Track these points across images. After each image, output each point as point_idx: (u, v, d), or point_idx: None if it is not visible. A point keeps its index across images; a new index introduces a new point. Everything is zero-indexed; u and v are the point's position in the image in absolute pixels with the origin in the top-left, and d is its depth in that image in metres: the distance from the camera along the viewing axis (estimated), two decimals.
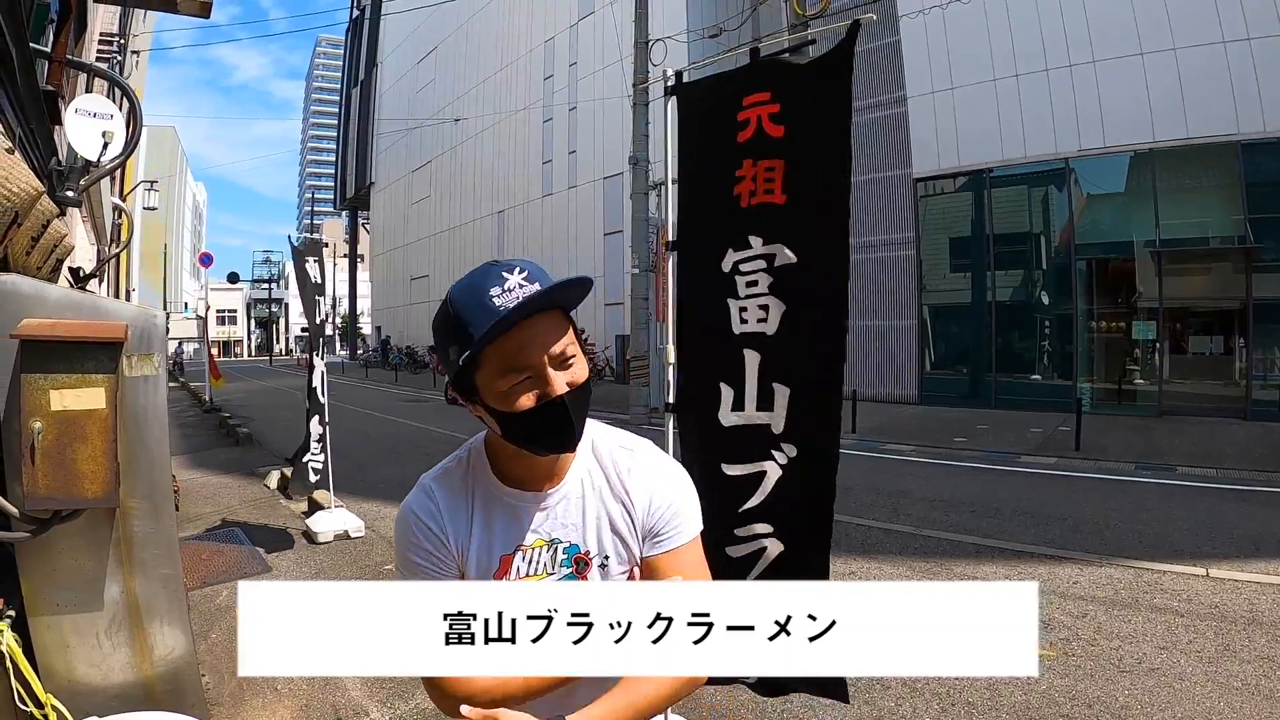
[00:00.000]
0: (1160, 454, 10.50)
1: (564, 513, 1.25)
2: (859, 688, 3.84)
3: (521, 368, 1.12)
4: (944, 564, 5.89)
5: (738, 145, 2.16)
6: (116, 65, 8.52)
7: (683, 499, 1.29)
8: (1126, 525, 6.88)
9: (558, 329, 1.15)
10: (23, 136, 2.54)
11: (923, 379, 18.02)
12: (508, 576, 1.23)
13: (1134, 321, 15.53)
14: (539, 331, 1.13)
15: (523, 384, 1.13)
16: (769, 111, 2.07)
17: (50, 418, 2.09)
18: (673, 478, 1.30)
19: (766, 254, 2.13)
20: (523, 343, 1.11)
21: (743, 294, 2.19)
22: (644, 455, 1.31)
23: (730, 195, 2.19)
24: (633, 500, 1.26)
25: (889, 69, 17.95)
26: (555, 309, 1.16)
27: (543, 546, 1.24)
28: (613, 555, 1.25)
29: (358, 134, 56.41)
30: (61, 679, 2.22)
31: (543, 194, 32.10)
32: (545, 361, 1.13)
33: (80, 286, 5.85)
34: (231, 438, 13.23)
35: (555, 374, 1.13)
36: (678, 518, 1.27)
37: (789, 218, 2.09)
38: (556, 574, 1.24)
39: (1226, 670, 3.90)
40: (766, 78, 2.11)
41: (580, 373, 1.17)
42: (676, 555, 1.25)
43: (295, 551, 6.38)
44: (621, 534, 1.26)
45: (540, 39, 32.27)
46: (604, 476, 1.28)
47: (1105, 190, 15.93)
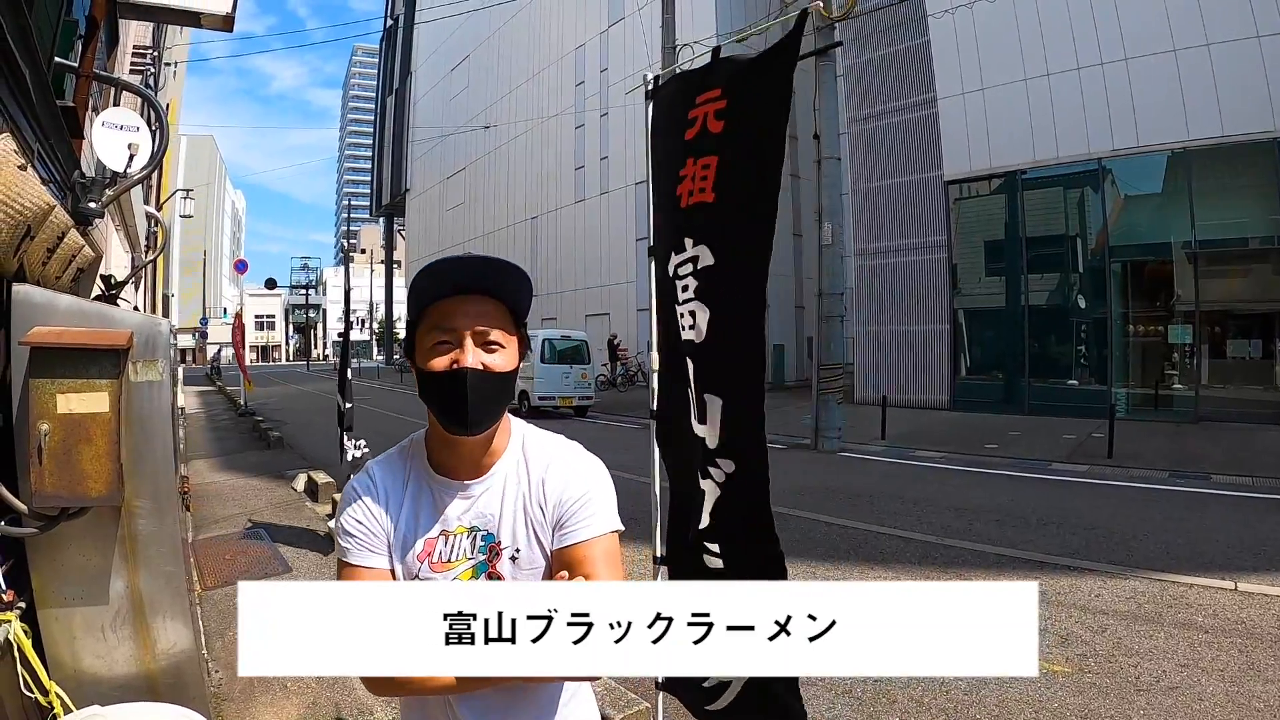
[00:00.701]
0: (1195, 461, 10.28)
1: (485, 503, 1.32)
2: (864, 702, 3.83)
3: (446, 329, 1.24)
4: (963, 574, 5.82)
5: (684, 143, 2.10)
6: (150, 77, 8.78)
7: (595, 494, 1.33)
8: (1155, 536, 6.74)
9: (491, 315, 1.26)
10: (41, 151, 2.65)
11: (955, 384, 17.82)
12: (430, 558, 1.30)
13: (1170, 325, 15.19)
14: (472, 307, 1.25)
15: (442, 345, 1.24)
16: (715, 108, 2.00)
17: (57, 420, 2.19)
18: (589, 475, 1.36)
19: (693, 256, 2.05)
20: (454, 310, 1.24)
21: (680, 299, 2.12)
22: (566, 454, 1.38)
23: (674, 195, 2.13)
24: (546, 495, 1.32)
25: (919, 70, 17.83)
26: (493, 297, 1.27)
27: (464, 533, 1.31)
28: (524, 548, 1.31)
29: (393, 141, 57.26)
30: (68, 669, 2.32)
31: (575, 200, 32.30)
32: (467, 333, 1.23)
33: (114, 294, 6.02)
34: (263, 441, 13.49)
35: (473, 348, 1.23)
36: (586, 509, 1.31)
37: (715, 217, 2.01)
38: (473, 559, 1.31)
39: (1249, 690, 3.78)
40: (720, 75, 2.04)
41: (498, 363, 1.25)
42: (584, 548, 1.28)
43: (316, 553, 6.50)
44: (534, 528, 1.32)
45: (571, 45, 32.54)
46: (527, 473, 1.35)
47: (1142, 191, 15.61)
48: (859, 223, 19.44)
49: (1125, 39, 14.46)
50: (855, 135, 19.25)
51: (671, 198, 2.17)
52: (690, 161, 2.07)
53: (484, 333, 1.25)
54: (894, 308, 18.74)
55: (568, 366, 18.50)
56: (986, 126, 16.67)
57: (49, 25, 2.94)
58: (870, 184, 19.20)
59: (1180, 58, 13.78)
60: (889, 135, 18.75)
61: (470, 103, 42.63)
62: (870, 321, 19.31)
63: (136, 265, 9.07)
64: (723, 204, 1.98)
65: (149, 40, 9.16)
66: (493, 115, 39.16)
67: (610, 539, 1.32)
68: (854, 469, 10.78)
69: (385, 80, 61.67)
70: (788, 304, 27.32)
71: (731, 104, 1.97)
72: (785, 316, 27.13)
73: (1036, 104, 15.87)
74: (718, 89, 2.01)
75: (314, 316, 77.02)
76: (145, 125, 4.39)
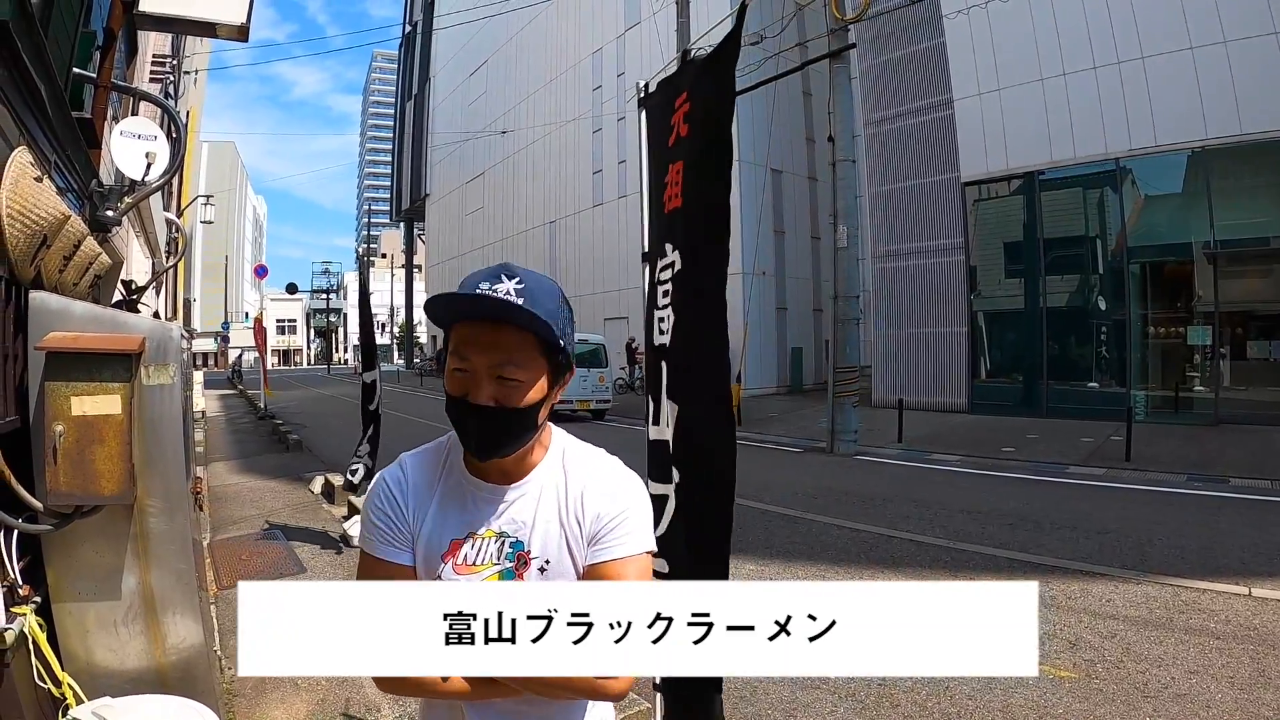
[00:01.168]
0: (1213, 464, 10.17)
1: (518, 510, 1.29)
2: (866, 705, 3.84)
3: (461, 356, 1.19)
4: (973, 579, 5.77)
5: (667, 150, 2.11)
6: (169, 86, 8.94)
7: (634, 513, 1.30)
8: (1170, 540, 6.68)
9: (511, 348, 1.18)
10: (58, 162, 2.74)
11: (973, 387, 17.71)
12: (455, 559, 1.27)
13: (1190, 326, 15.02)
14: (489, 338, 1.17)
15: (460, 373, 1.20)
16: (684, 112, 2.01)
17: (71, 421, 2.26)
18: (629, 493, 1.32)
19: (671, 262, 2.05)
20: (471, 338, 1.18)
21: (659, 304, 2.12)
22: (607, 469, 1.34)
23: (661, 202, 2.15)
24: (584, 509, 1.28)
25: (934, 72, 17.77)
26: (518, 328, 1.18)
27: (492, 537, 1.28)
28: (554, 559, 1.28)
29: (412, 146, 57.70)
30: (81, 662, 2.40)
31: (593, 204, 32.39)
32: (480, 366, 1.18)
33: (134, 299, 6.17)
34: (282, 444, 13.66)
35: (485, 382, 1.17)
36: (623, 527, 1.28)
37: (684, 222, 2.00)
38: (499, 565, 1.27)
39: (1259, 698, 3.73)
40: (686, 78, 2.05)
41: (510, 398, 1.19)
42: (618, 566, 1.25)
43: (331, 554, 6.59)
44: (568, 541, 1.28)
45: (588, 50, 32.66)
46: (564, 484, 1.31)
47: (1161, 190, 15.46)
48: (876, 225, 19.40)
49: (1142, 37, 14.35)
50: (871, 137, 19.21)
51: (658, 205, 2.20)
52: (670, 168, 2.09)
53: (498, 366, 1.18)
54: (911, 310, 18.67)
55: (585, 370, 18.60)
56: (1003, 127, 16.58)
57: (66, 37, 3.03)
58: (887, 186, 19.14)
59: (1197, 56, 13.64)
60: (905, 137, 18.69)
61: (489, 108, 42.88)
62: (888, 324, 19.24)
63: (157, 271, 9.24)
64: (688, 208, 1.98)
65: (168, 49, 9.34)
66: (511, 120, 39.39)
67: (644, 559, 1.29)
68: (868, 472, 10.76)
69: (404, 86, 62.18)
70: (805, 307, 27.27)
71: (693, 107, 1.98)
72: (803, 320, 27.09)
73: (1053, 104, 15.77)
74: (686, 92, 2.02)
75: (335, 321, 77.72)
76: (163, 134, 4.50)
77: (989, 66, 16.67)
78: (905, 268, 18.78)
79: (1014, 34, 16.18)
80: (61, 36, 2.96)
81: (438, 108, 51.83)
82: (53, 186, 2.46)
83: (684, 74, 2.11)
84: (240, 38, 4.62)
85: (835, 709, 3.78)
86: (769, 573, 6.07)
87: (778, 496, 8.90)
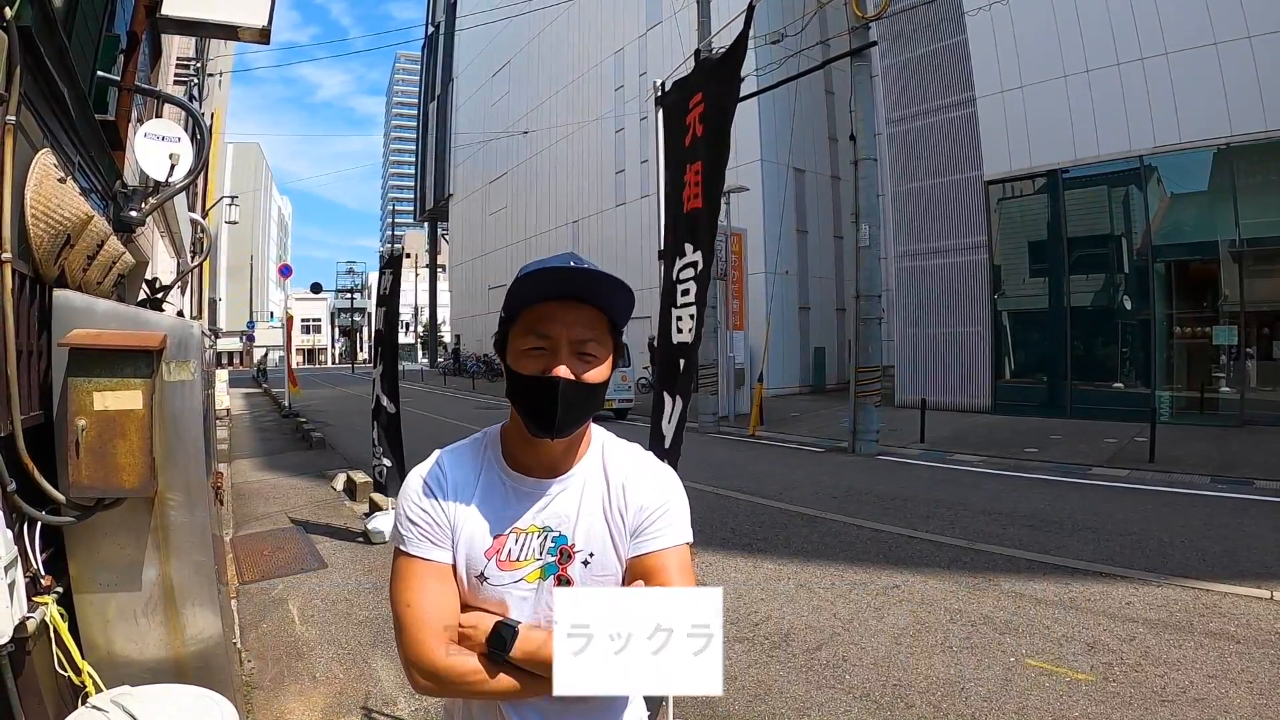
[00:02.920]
0: (1238, 466, 9.99)
1: (561, 504, 1.30)
2: (881, 705, 3.82)
3: (541, 334, 1.21)
4: (991, 579, 5.75)
5: (684, 150, 2.14)
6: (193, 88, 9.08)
7: (675, 505, 1.33)
8: (1192, 543, 6.59)
9: (589, 324, 1.23)
10: (82, 163, 2.80)
11: (996, 387, 17.53)
12: (498, 555, 1.27)
13: (1215, 326, 14.76)
14: (570, 313, 1.21)
15: (536, 351, 1.21)
16: (699, 112, 2.04)
17: (93, 416, 2.32)
18: (669, 486, 1.35)
19: (693, 261, 2.08)
20: (552, 314, 1.21)
21: (679, 302, 2.14)
22: (646, 463, 1.37)
23: (680, 201, 2.17)
24: (627, 502, 1.31)
25: (956, 69, 17.61)
26: (594, 306, 1.23)
27: (535, 533, 1.29)
28: (599, 553, 1.29)
29: (435, 147, 58.14)
30: (101, 651, 2.45)
31: (616, 203, 32.43)
32: (563, 339, 1.21)
33: (159, 297, 6.27)
34: (305, 441, 13.81)
35: (567, 358, 1.21)
36: (665, 519, 1.31)
37: (705, 221, 2.03)
38: (542, 560, 1.28)
39: (1278, 704, 3.67)
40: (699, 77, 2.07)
41: (592, 374, 1.23)
42: (661, 557, 1.28)
43: (352, 550, 6.67)
44: (612, 534, 1.30)
45: (610, 50, 32.71)
46: (605, 479, 1.33)
47: (1187, 188, 15.19)
48: (898, 224, 19.26)
49: (1165, 33, 14.11)
50: (893, 136, 19.07)
51: (678, 204, 2.21)
52: (688, 168, 2.11)
53: (580, 342, 1.22)
54: (934, 310, 18.51)
55: None
56: (1026, 125, 16.38)
57: (90, 41, 3.10)
58: (909, 185, 19.00)
59: (1222, 51, 13.39)
60: (927, 135, 18.54)
61: (511, 108, 43.08)
62: (910, 324, 19.09)
63: (182, 270, 9.38)
64: (707, 208, 2.01)
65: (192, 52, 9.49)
66: (533, 120, 39.53)
67: (684, 550, 1.32)
68: (890, 472, 10.69)
69: (427, 87, 62.69)
70: (828, 307, 27.12)
71: (707, 107, 2.01)
72: (826, 319, 26.94)
73: (1076, 101, 15.55)
74: (700, 93, 2.04)
75: (359, 320, 78.43)
76: (186, 135, 4.58)
77: (1011, 63, 16.47)
78: (928, 267, 18.62)
79: (1036, 30, 15.98)
80: (85, 40, 3.02)
81: (460, 108, 52.15)
82: (76, 187, 2.52)
83: (698, 74, 2.14)
84: (262, 40, 4.68)
85: (850, 709, 3.77)
86: (786, 572, 6.06)
87: (798, 496, 8.88)
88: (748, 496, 8.88)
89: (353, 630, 4.80)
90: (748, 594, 5.46)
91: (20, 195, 2.13)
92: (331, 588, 5.69)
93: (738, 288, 17.93)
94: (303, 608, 5.20)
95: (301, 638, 4.66)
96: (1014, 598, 5.33)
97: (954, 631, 4.73)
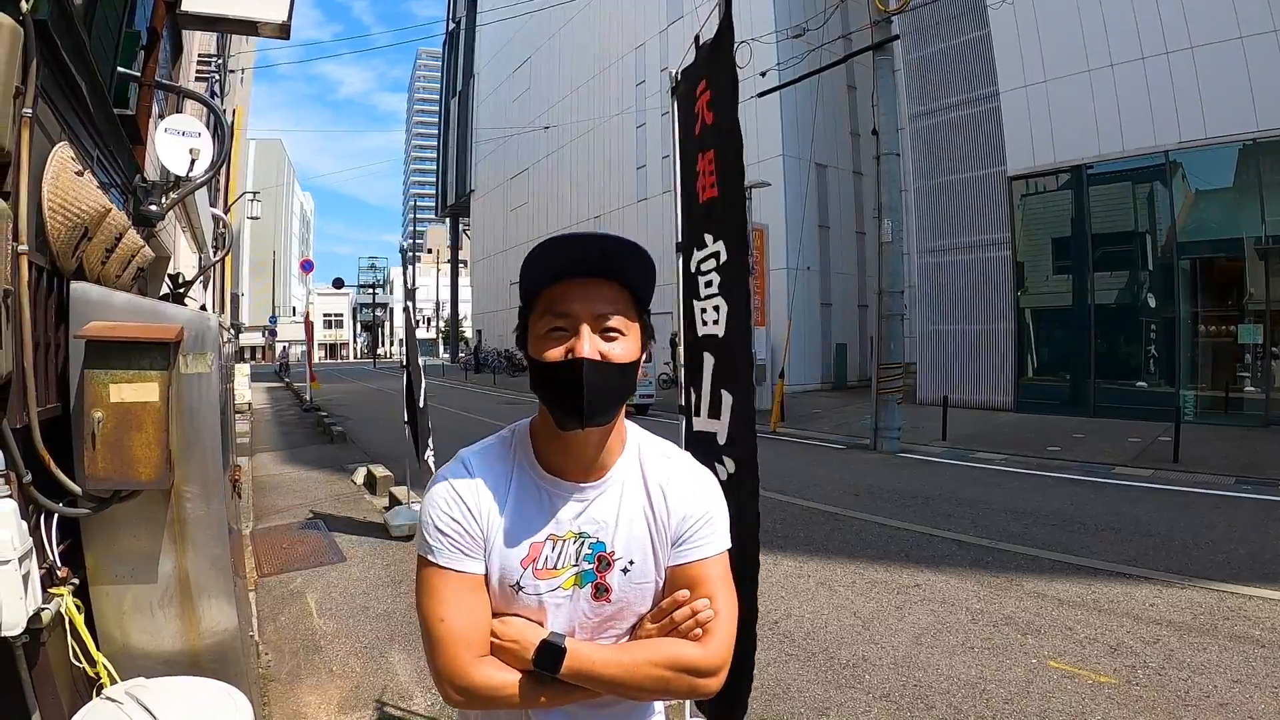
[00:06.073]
0: (1263, 467, 9.81)
1: (599, 509, 1.23)
2: (901, 706, 3.78)
3: (560, 314, 1.14)
4: (1014, 580, 5.68)
5: (694, 139, 2.11)
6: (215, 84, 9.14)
7: (717, 512, 1.28)
8: (1216, 544, 6.48)
9: (610, 299, 1.16)
10: (100, 157, 2.81)
11: (1019, 385, 17.33)
12: (535, 564, 1.20)
13: (1241, 324, 14.49)
14: (591, 290, 1.14)
15: (556, 332, 1.14)
16: (706, 99, 2.00)
17: (109, 409, 2.32)
18: (712, 491, 1.30)
19: (714, 252, 2.04)
20: (568, 292, 1.14)
21: (703, 294, 2.11)
22: (687, 466, 1.32)
23: (694, 191, 2.14)
24: (669, 508, 1.25)
25: (979, 63, 17.41)
26: (614, 280, 1.17)
27: (572, 538, 1.22)
28: (638, 560, 1.23)
29: (457, 143, 58.31)
30: (117, 643, 2.46)
31: (637, 199, 32.39)
32: (584, 317, 1.13)
33: (181, 292, 6.33)
34: (326, 436, 13.92)
35: (591, 335, 1.13)
36: (708, 528, 1.26)
37: (723, 211, 1.99)
38: (578, 567, 1.22)
39: None
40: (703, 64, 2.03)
41: (618, 352, 1.15)
42: (704, 566, 1.24)
43: (371, 544, 6.70)
44: (653, 540, 1.24)
45: (631, 45, 32.65)
46: (643, 482, 1.27)
47: (1212, 185, 14.90)
48: (921, 220, 19.09)
49: (1190, 27, 13.82)
50: (916, 131, 18.88)
51: (692, 194, 2.19)
52: (699, 157, 2.08)
53: (603, 319, 1.14)
54: (957, 306, 18.33)
55: None
56: (1050, 120, 16.14)
57: (110, 37, 3.11)
58: (932, 180, 18.81)
59: (1248, 46, 13.10)
60: (950, 130, 18.34)
61: (532, 103, 43.12)
62: (933, 320, 18.91)
63: (204, 265, 9.47)
64: (724, 197, 1.97)
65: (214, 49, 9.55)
66: (555, 116, 39.54)
67: (725, 558, 1.28)
68: (912, 470, 10.60)
69: (448, 83, 62.84)
70: (851, 303, 26.93)
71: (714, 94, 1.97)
72: (848, 315, 26.75)
73: (1101, 96, 15.30)
74: (704, 79, 2.01)
75: (381, 315, 78.97)
76: (207, 131, 4.60)
77: (1035, 58, 16.23)
78: (951, 263, 18.44)
79: (1060, 24, 15.73)
80: (105, 36, 3.03)
81: (482, 104, 52.26)
82: (94, 181, 2.53)
83: (701, 61, 2.10)
84: (282, 35, 4.70)
85: (869, 709, 3.73)
86: (807, 570, 6.01)
87: (819, 494, 8.83)
88: (768, 493, 8.81)
89: (370, 624, 4.82)
90: (768, 591, 5.42)
91: (38, 188, 2.13)
92: (350, 581, 5.71)
93: (759, 284, 17.87)
94: (321, 601, 5.23)
95: (319, 631, 4.68)
96: (1036, 598, 5.26)
97: (975, 632, 4.67)
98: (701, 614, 1.20)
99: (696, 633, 1.20)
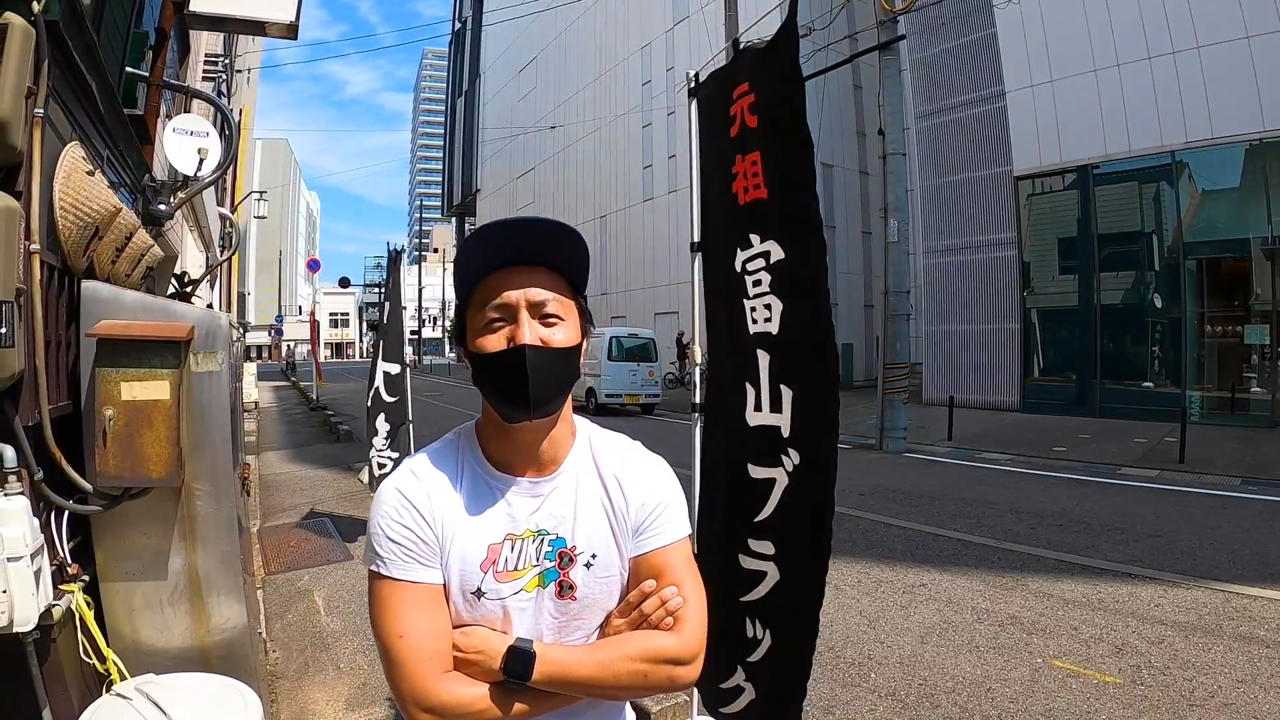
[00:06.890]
0: (1269, 468, 9.78)
1: (555, 504, 1.20)
2: (907, 705, 3.78)
3: (499, 305, 1.12)
4: (1019, 579, 5.68)
5: (730, 141, 2.12)
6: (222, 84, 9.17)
7: (674, 499, 1.27)
8: (1222, 545, 6.46)
9: (546, 284, 1.14)
10: (110, 157, 2.83)
11: (1025, 385, 17.31)
12: (495, 567, 1.16)
13: (1247, 325, 14.46)
14: (525, 277, 1.13)
15: (497, 323, 1.13)
16: (748, 102, 2.02)
17: (120, 406, 2.34)
18: (666, 479, 1.29)
19: (763, 251, 2.07)
20: (506, 281, 1.12)
21: (751, 293, 2.14)
22: (638, 456, 1.30)
23: (731, 193, 2.16)
24: (626, 497, 1.23)
25: (986, 63, 17.37)
26: (548, 267, 1.16)
27: (530, 537, 1.18)
28: (601, 553, 1.20)
29: (463, 143, 58.38)
30: (127, 639, 2.48)
31: (643, 199, 32.40)
32: (522, 305, 1.12)
33: (188, 291, 6.34)
34: (333, 434, 13.94)
35: (530, 322, 1.12)
36: (667, 513, 1.24)
37: (774, 212, 2.02)
38: (540, 566, 1.17)
39: None
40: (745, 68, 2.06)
41: (559, 337, 1.14)
42: (665, 553, 1.22)
43: None
44: (613, 531, 1.22)
45: (637, 45, 32.66)
46: (597, 473, 1.25)
47: (1219, 185, 14.87)
48: (927, 219, 19.07)
49: (1197, 27, 13.80)
50: (922, 130, 18.85)
51: (727, 195, 2.20)
52: (739, 158, 2.10)
53: (540, 305, 1.13)
54: (963, 306, 18.31)
55: (635, 364, 18.67)
56: (1056, 120, 16.12)
57: (118, 37, 3.13)
58: (938, 180, 18.78)
59: (1254, 45, 13.07)
60: (956, 130, 18.30)
61: (538, 103, 43.15)
62: (938, 320, 18.89)
63: (211, 264, 9.51)
64: (775, 198, 2.01)
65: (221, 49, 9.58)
66: (561, 115, 39.58)
67: (686, 543, 1.26)
68: (917, 470, 10.59)
69: (455, 83, 62.94)
70: (856, 302, 26.92)
71: (759, 97, 2.00)
72: (853, 315, 26.75)
73: (1107, 96, 15.28)
74: (746, 83, 2.04)
75: None
76: (215, 130, 4.62)
77: (1041, 57, 16.20)
78: (956, 263, 18.41)
79: (1066, 24, 15.71)
80: (114, 36, 3.05)
81: (488, 104, 52.32)
82: (104, 180, 2.55)
83: (739, 63, 2.11)
84: (289, 35, 4.71)
85: (875, 707, 3.74)
86: None
87: None
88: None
89: None
90: None
91: (49, 187, 2.15)
92: (357, 579, 5.73)
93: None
94: (328, 599, 5.25)
95: (326, 628, 4.70)
96: (1042, 598, 5.25)
97: (981, 631, 4.67)
98: (670, 602, 1.18)
99: (668, 622, 1.17)
